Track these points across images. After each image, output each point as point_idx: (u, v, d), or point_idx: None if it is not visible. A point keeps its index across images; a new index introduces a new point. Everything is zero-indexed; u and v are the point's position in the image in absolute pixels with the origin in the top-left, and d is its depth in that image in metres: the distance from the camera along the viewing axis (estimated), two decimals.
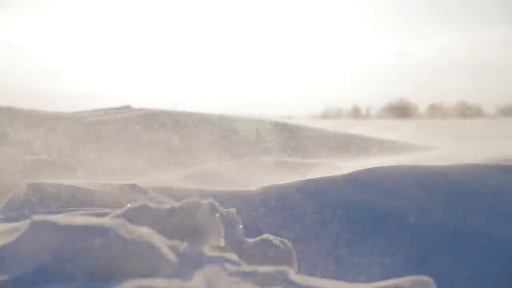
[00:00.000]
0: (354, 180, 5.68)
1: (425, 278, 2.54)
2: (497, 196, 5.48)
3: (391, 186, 5.55)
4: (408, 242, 4.85)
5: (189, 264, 2.49)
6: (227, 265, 2.58)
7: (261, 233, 3.84)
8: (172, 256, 2.48)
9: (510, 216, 5.23)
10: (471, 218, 5.15)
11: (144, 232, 2.49)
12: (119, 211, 2.90)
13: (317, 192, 5.49)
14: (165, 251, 2.48)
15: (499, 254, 4.74)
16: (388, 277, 2.69)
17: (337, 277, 2.92)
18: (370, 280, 2.76)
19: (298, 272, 3.35)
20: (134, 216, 2.84)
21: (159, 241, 2.50)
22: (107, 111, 11.50)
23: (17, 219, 3.54)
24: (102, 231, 2.42)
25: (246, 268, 2.62)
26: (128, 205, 2.93)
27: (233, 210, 3.81)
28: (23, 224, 2.70)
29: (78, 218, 2.55)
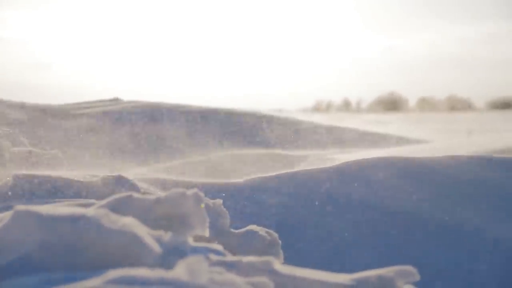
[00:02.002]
0: (342, 172, 5.69)
1: (408, 267, 2.55)
2: (484, 188, 5.50)
3: (379, 177, 5.57)
4: (395, 233, 4.86)
5: (173, 254, 2.49)
6: (212, 256, 2.58)
7: (247, 224, 3.85)
8: (156, 246, 2.48)
9: (497, 207, 5.25)
10: (459, 210, 5.17)
11: (128, 222, 2.48)
12: (103, 202, 2.90)
13: (306, 183, 5.49)
14: (149, 241, 2.47)
15: (484, 245, 4.76)
16: (373, 268, 2.69)
17: (322, 268, 2.92)
18: (353, 270, 2.76)
19: (284, 263, 3.36)
20: (119, 206, 2.84)
21: (143, 231, 2.49)
22: (95, 103, 11.47)
23: (2, 210, 3.52)
24: (85, 221, 2.41)
25: (230, 258, 2.62)
26: (114, 195, 2.92)
27: (219, 201, 3.82)
28: (6, 215, 2.69)
29: (61, 208, 2.54)
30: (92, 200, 3.77)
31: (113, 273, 2.13)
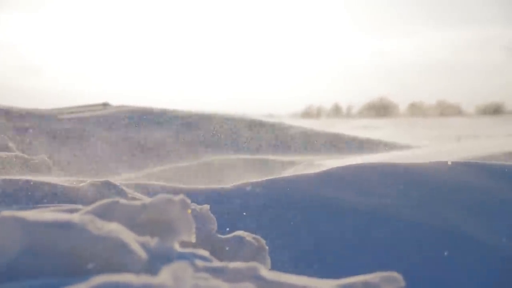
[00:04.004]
0: (330, 178, 5.70)
1: (393, 274, 2.56)
2: (472, 194, 5.52)
3: (366, 183, 5.57)
4: (381, 239, 4.87)
5: (159, 260, 2.49)
6: (198, 261, 2.58)
7: (234, 230, 3.85)
8: (141, 252, 2.47)
9: (485, 214, 5.27)
10: (446, 216, 5.18)
11: (114, 228, 2.48)
12: (89, 207, 2.90)
13: (293, 189, 5.50)
14: (135, 247, 2.47)
15: (470, 250, 4.77)
16: (359, 273, 2.70)
17: (308, 273, 2.93)
18: (340, 276, 2.77)
19: (271, 269, 3.36)
20: (105, 212, 2.84)
21: (129, 237, 2.49)
22: (85, 108, 11.45)
23: None
24: (70, 227, 2.41)
25: (217, 264, 2.62)
26: (100, 201, 2.92)
27: (206, 207, 3.82)
28: None
29: (47, 214, 2.53)
30: (79, 206, 3.77)
31: (98, 279, 2.13)
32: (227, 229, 4.28)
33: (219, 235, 3.71)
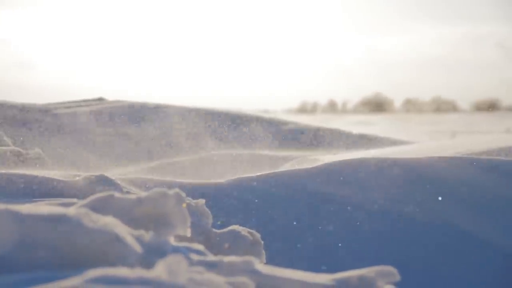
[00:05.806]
0: (325, 172, 5.70)
1: (389, 268, 2.57)
2: (467, 189, 5.53)
3: (361, 178, 5.58)
4: (377, 232, 4.88)
5: (154, 254, 2.49)
6: (193, 255, 2.58)
7: (230, 224, 3.85)
8: (137, 246, 2.47)
9: (480, 208, 5.28)
10: (440, 209, 5.20)
11: (109, 221, 2.48)
12: (84, 201, 2.89)
13: (288, 184, 5.50)
14: (130, 241, 2.47)
15: (465, 244, 4.79)
16: (355, 267, 2.70)
17: (303, 267, 2.93)
18: (336, 270, 2.77)
19: (266, 263, 3.37)
20: (100, 206, 2.83)
21: (124, 230, 2.49)
22: (79, 103, 11.43)
23: None
24: (65, 220, 2.40)
25: (211, 258, 2.62)
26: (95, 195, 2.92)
27: (201, 201, 3.81)
28: None
29: (41, 208, 2.53)
30: (74, 200, 3.76)
31: (93, 273, 2.13)
32: (221, 223, 4.29)
33: (214, 229, 3.71)
